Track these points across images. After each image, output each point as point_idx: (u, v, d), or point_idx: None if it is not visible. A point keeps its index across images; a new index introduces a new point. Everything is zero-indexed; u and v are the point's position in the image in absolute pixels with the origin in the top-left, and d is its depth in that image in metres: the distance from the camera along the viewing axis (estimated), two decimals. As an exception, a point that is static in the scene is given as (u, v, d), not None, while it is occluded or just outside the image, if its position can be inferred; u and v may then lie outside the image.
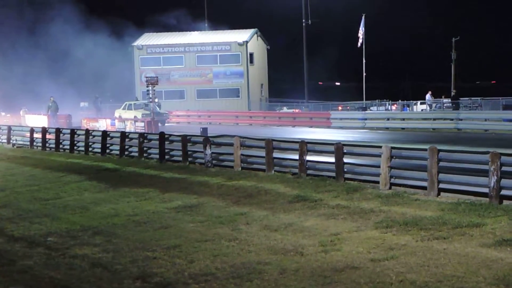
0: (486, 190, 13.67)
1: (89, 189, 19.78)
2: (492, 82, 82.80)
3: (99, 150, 28.63)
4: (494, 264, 9.30)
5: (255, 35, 66.58)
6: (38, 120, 47.39)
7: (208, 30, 69.83)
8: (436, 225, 11.75)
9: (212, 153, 21.85)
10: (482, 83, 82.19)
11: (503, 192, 13.43)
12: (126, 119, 45.59)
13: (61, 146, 32.10)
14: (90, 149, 29.57)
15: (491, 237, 10.71)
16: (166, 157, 24.20)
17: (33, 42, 64.35)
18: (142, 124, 40.22)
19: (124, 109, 49.36)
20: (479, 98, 48.83)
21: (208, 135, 25.86)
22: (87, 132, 30.49)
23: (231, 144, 21.18)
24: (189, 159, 22.98)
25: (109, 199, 17.84)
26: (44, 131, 34.01)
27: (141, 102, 50.98)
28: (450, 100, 48.45)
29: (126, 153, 26.90)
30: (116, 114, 48.96)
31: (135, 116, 46.12)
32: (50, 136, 33.37)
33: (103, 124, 42.71)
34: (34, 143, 34.55)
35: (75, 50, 64.09)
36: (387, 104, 55.81)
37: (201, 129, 33.21)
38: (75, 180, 21.66)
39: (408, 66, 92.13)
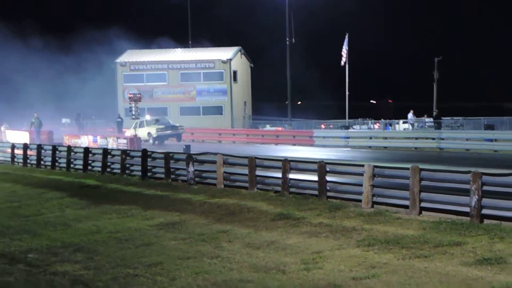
0: (467, 209, 13.73)
1: (70, 206, 19.70)
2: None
3: (81, 167, 28.53)
4: (475, 283, 9.34)
5: (239, 53, 66.77)
6: (19, 136, 47.14)
7: (191, 48, 69.93)
8: (417, 244, 11.79)
9: (195, 170, 21.83)
10: (464, 103, 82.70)
11: (484, 211, 13.49)
12: (140, 137, 42.82)
13: (42, 162, 31.97)
14: (72, 165, 29.48)
15: (472, 256, 10.75)
16: (149, 174, 24.15)
17: (13, 57, 64.12)
18: (125, 141, 40.10)
19: (135, 127, 45.20)
20: (461, 118, 49.16)
21: (191, 152, 25.85)
22: (69, 149, 30.40)
23: (214, 162, 21.17)
24: (172, 176, 22.95)
25: (90, 216, 17.77)
26: (25, 147, 33.88)
27: (153, 118, 47.88)
28: (432, 120, 48.72)
29: (108, 169, 26.82)
30: (128, 134, 45.41)
31: (149, 133, 43.83)
32: (32, 152, 33.24)
33: (85, 141, 42.54)
34: (15, 159, 34.39)
35: (55, 66, 63.93)
36: (369, 123, 56.03)
37: (184, 146, 33.23)
38: (57, 197, 21.57)
39: (390, 85, 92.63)
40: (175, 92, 63.86)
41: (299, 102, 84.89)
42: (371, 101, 79.86)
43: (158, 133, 43.57)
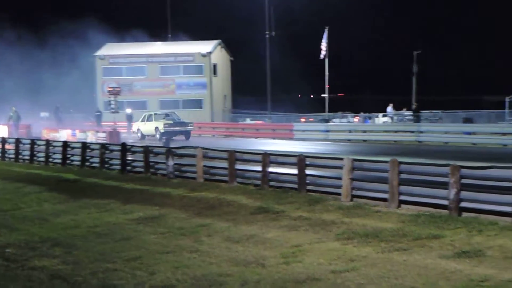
0: (446, 202, 13.78)
1: (49, 200, 19.58)
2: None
3: (60, 161, 28.39)
4: (453, 275, 9.39)
5: (219, 46, 66.69)
6: (-4, 129, 46.82)
7: (171, 41, 69.74)
8: (396, 237, 11.83)
9: (175, 164, 21.78)
10: (443, 96, 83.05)
11: (462, 204, 13.56)
12: (147, 132, 42.69)
13: (20, 156, 31.77)
14: (50, 159, 29.31)
15: (450, 249, 10.80)
16: (128, 168, 24.07)
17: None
18: (104, 134, 39.94)
19: (143, 121, 44.60)
20: (439, 111, 49.39)
21: (171, 146, 25.78)
22: (48, 143, 30.23)
23: (193, 156, 21.13)
24: (151, 170, 22.88)
25: (69, 210, 17.68)
26: (3, 141, 33.64)
27: (162, 112, 47.23)
28: (411, 113, 48.92)
29: (87, 163, 26.71)
30: (135, 128, 45.57)
31: (156, 128, 42.32)
32: (10, 146, 33.02)
33: (63, 135, 42.33)
34: (-7, 153, 34.15)
35: (32, 59, 63.52)
36: (349, 116, 56.16)
37: (164, 140, 33.14)
38: (35, 191, 21.43)
39: (370, 78, 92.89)
40: (155, 86, 63.71)
41: (299, 96, 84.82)
42: (338, 94, 79.89)
43: (165, 128, 41.92)
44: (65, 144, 28.82)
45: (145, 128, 43.73)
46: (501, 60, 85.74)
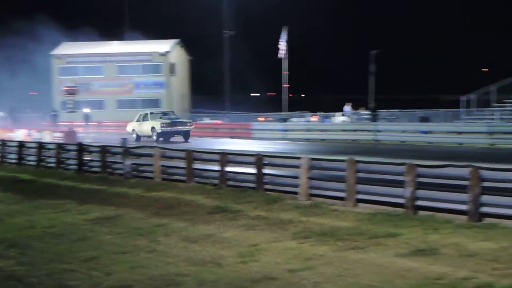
0: (402, 200, 13.92)
1: (3, 201, 19.30)
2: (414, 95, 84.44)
3: (15, 161, 28.06)
4: (409, 273, 9.46)
5: (177, 46, 66.48)
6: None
7: (129, 40, 69.35)
8: (353, 236, 11.89)
9: (132, 164, 21.65)
10: (400, 95, 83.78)
11: (419, 202, 13.70)
12: (143, 133, 40.17)
13: (-25, 156, 31.31)
14: (5, 159, 28.95)
15: (406, 247, 10.89)
16: (85, 168, 23.88)
17: None
18: (61, 134, 39.56)
19: (138, 121, 41.91)
20: (397, 110, 49.74)
21: (128, 145, 25.63)
22: (3, 143, 29.86)
23: (151, 155, 21.03)
24: (108, 170, 22.72)
25: (24, 210, 17.44)
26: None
27: (159, 112, 44.59)
28: (369, 112, 49.21)
29: (43, 163, 26.43)
30: (129, 128, 42.84)
31: (153, 128, 39.64)
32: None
33: (19, 135, 41.84)
34: None
35: None
36: (307, 116, 56.34)
37: (121, 140, 32.83)
38: (-11, 192, 21.13)
39: (328, 78, 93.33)
40: (112, 85, 63.36)
41: (257, 94, 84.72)
42: (297, 95, 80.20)
43: (162, 128, 39.30)
44: (21, 144, 28.51)
45: (140, 129, 41.19)
46: (457, 60, 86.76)
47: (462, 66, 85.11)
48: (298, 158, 16.84)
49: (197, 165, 19.51)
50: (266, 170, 17.39)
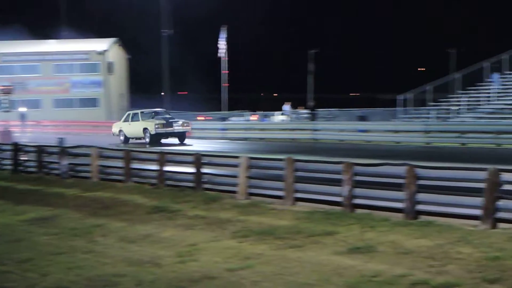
0: (340, 199, 14.04)
1: None
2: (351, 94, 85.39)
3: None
4: (346, 271, 9.54)
5: (116, 44, 65.88)
6: None
7: (66, 39, 68.47)
8: (291, 234, 11.94)
9: (69, 163, 21.39)
10: (338, 94, 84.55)
11: (356, 201, 13.83)
12: (133, 134, 36.52)
13: None
14: None
15: (344, 245, 10.98)
16: (20, 168, 23.51)
17: None
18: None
19: (126, 120, 38.03)
20: (335, 109, 50.24)
21: (65, 145, 25.30)
22: None
23: (88, 155, 20.81)
24: (45, 170, 22.42)
25: (-42, 212, 17.08)
26: None
27: (150, 111, 39.09)
28: (308, 111, 49.56)
29: (-23, 164, 25.90)
30: (115, 129, 38.70)
31: (145, 129, 35.73)
32: None
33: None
34: None
35: None
36: (246, 115, 56.46)
37: (58, 139, 32.35)
38: None
39: (267, 77, 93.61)
40: (49, 84, 62.46)
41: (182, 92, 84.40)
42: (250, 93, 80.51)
43: (157, 130, 35.62)
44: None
45: (129, 130, 37.25)
46: (394, 59, 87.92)
47: (399, 65, 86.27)
48: (237, 157, 16.86)
49: (135, 165, 19.37)
50: (205, 170, 17.36)
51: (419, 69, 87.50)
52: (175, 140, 36.30)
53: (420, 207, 12.90)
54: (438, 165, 14.64)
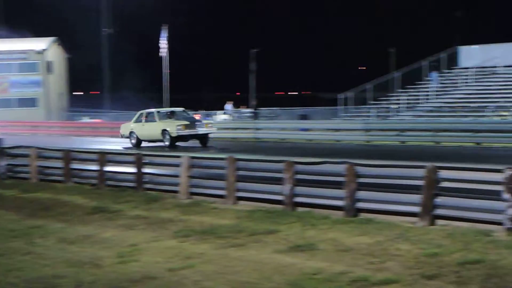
0: (281, 197, 14.10)
1: None
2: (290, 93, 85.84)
3: None
4: (287, 269, 9.59)
5: (55, 44, 65.04)
6: None
7: (4, 38, 67.31)
8: (232, 233, 11.95)
9: (7, 164, 21.06)
10: (280, 93, 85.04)
11: (297, 199, 13.91)
12: (148, 137, 32.52)
13: None
14: None
15: (285, 243, 11.03)
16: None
17: None
18: None
19: (138, 121, 33.44)
20: (277, 108, 50.45)
21: (3, 146, 24.87)
22: None
23: (27, 155, 20.52)
24: (-18, 171, 22.00)
25: None
26: None
27: (166, 110, 35.14)
28: (250, 110, 49.69)
29: None
30: (124, 131, 34.17)
31: (164, 131, 31.30)
32: None
33: None
34: None
35: None
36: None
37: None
38: None
39: (210, 76, 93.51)
40: (-13, 84, 61.30)
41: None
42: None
43: (179, 132, 31.29)
44: None
45: (143, 132, 32.80)
46: (335, 58, 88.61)
47: (341, 64, 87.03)
48: (178, 156, 16.82)
49: (75, 165, 19.18)
50: (146, 169, 17.27)
51: (359, 67, 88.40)
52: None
53: (360, 204, 13.03)
54: (377, 163, 14.88)
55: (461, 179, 12.06)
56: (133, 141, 33.19)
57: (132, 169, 17.48)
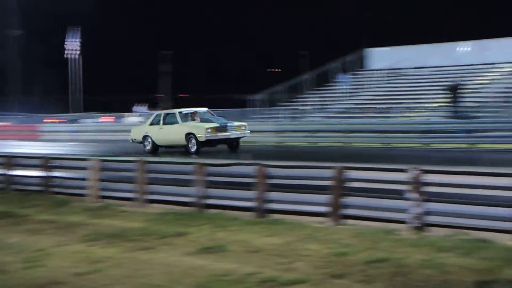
0: (192, 199, 14.08)
1: None
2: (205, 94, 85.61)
3: None
4: (196, 271, 9.55)
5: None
6: None
7: None
8: (142, 236, 11.85)
9: None
10: (193, 94, 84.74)
11: (208, 201, 13.92)
12: (168, 141, 28.39)
13: None
14: None
15: (194, 246, 10.99)
16: None
17: None
18: None
19: (156, 123, 29.14)
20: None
21: None
22: None
23: None
24: None
25: None
26: None
27: (189, 111, 29.36)
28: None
29: None
30: (136, 135, 30.12)
31: (190, 135, 27.12)
32: None
33: None
34: None
35: None
36: (95, 117, 55.60)
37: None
38: None
39: (121, 78, 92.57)
40: None
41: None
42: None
43: (209, 136, 27.07)
44: None
45: (162, 136, 28.55)
46: (248, 59, 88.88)
47: (252, 65, 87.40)
48: (88, 159, 16.60)
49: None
50: (54, 173, 16.98)
51: (273, 70, 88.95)
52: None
53: (271, 205, 13.12)
54: (288, 164, 15.02)
55: (368, 179, 12.29)
56: (148, 146, 28.96)
57: (40, 173, 17.15)
